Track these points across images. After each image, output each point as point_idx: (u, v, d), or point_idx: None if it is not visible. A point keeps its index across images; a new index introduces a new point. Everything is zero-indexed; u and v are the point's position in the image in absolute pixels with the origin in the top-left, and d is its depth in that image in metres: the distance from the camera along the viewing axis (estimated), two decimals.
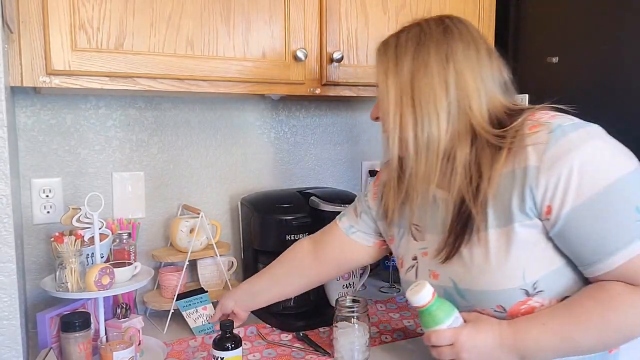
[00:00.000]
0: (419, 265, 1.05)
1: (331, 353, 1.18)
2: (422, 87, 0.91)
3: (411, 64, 0.93)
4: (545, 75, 1.48)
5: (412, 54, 0.93)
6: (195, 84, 1.20)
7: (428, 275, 1.02)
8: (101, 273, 1.07)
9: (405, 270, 1.08)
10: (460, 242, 0.94)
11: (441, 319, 0.91)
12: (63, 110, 1.37)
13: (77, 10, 1.05)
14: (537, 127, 0.87)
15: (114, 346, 1.05)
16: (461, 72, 0.91)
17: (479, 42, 0.95)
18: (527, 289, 0.88)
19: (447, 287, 0.98)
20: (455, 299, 0.97)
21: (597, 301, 0.84)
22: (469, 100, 0.91)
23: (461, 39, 0.93)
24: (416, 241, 1.05)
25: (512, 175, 0.88)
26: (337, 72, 1.33)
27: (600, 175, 0.82)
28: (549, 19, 1.48)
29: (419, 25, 0.97)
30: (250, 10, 1.23)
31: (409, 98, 0.92)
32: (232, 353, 1.05)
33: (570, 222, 0.83)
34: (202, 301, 1.33)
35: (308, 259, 1.24)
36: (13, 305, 0.91)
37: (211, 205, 1.57)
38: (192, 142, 1.53)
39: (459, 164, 0.91)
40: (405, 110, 0.92)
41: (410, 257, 1.07)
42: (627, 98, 1.33)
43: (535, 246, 0.88)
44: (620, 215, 0.82)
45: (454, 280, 0.97)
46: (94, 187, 1.40)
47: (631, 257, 0.82)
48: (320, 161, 1.74)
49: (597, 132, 0.86)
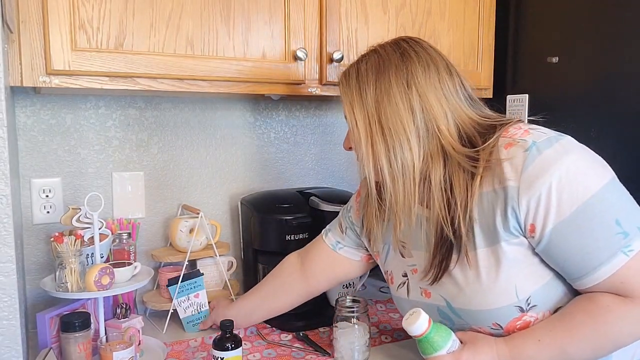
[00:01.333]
0: (409, 282, 1.05)
1: (331, 353, 1.18)
2: (388, 114, 0.91)
3: (374, 93, 0.93)
4: (545, 75, 1.48)
5: (373, 83, 0.94)
6: (195, 84, 1.20)
7: (420, 294, 1.02)
8: (101, 273, 1.07)
9: (395, 287, 1.09)
10: (447, 264, 0.94)
11: (439, 345, 0.92)
12: (63, 110, 1.37)
13: (77, 10, 1.05)
14: (512, 145, 0.87)
15: (113, 346, 1.05)
16: (424, 94, 0.91)
17: (438, 61, 0.95)
18: (521, 305, 0.89)
19: (440, 305, 0.99)
20: (450, 317, 0.98)
21: (588, 314, 0.85)
22: (436, 121, 0.91)
23: (419, 61, 0.94)
24: (404, 258, 1.06)
25: (493, 195, 0.88)
26: (337, 72, 1.33)
27: (578, 191, 0.82)
28: (549, 19, 1.48)
29: (377, 53, 0.97)
30: (250, 10, 1.23)
31: (378, 127, 0.92)
32: (232, 353, 1.05)
33: (553, 239, 0.84)
34: (196, 287, 1.32)
35: (296, 274, 1.25)
36: (13, 305, 0.91)
37: (211, 205, 1.57)
38: (192, 142, 1.53)
39: (434, 186, 0.92)
40: (375, 139, 0.93)
41: (400, 273, 1.07)
42: (627, 98, 1.33)
43: (523, 262, 0.89)
44: (601, 230, 0.83)
45: (447, 299, 0.97)
46: (93, 187, 1.40)
47: (615, 271, 0.83)
48: (320, 161, 1.74)
49: (571, 145, 0.86)
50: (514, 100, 1.55)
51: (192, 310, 1.31)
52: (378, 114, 0.92)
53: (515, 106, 1.55)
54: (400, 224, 0.98)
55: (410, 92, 0.91)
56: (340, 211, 1.26)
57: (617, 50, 1.35)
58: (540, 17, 1.50)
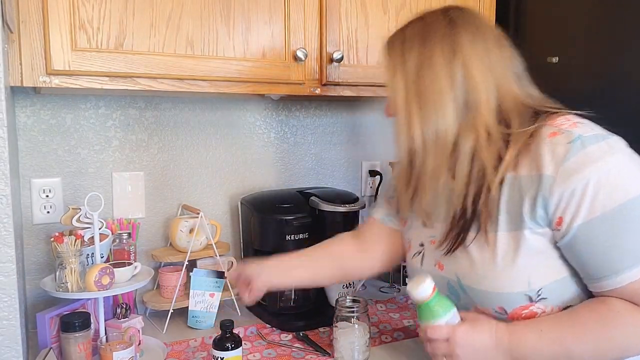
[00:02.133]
0: (425, 252, 1.04)
1: (331, 353, 1.18)
2: (427, 83, 0.90)
3: (417, 60, 0.92)
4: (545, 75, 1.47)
5: (417, 49, 0.92)
6: (195, 84, 1.20)
7: (434, 265, 1.01)
8: (101, 273, 1.07)
9: (411, 255, 1.07)
10: (464, 237, 0.93)
11: (439, 314, 0.91)
12: (63, 110, 1.37)
13: (77, 10, 1.05)
14: (557, 134, 0.85)
15: (113, 346, 1.05)
16: (468, 65, 0.89)
17: (486, 32, 0.93)
18: (530, 295, 0.88)
19: (451, 280, 0.97)
20: (458, 294, 0.97)
21: (597, 315, 0.84)
22: (477, 93, 0.89)
23: (466, 30, 0.91)
24: (425, 228, 1.04)
25: (526, 180, 0.86)
26: (337, 72, 1.33)
27: (616, 192, 0.80)
28: (549, 19, 1.47)
29: (423, 20, 0.96)
30: (250, 10, 1.23)
31: (416, 93, 0.91)
32: (232, 353, 1.05)
33: (580, 235, 0.82)
34: (215, 286, 1.32)
35: (351, 251, 1.20)
36: (13, 306, 0.91)
37: (211, 205, 1.57)
38: (192, 142, 1.53)
39: (463, 158, 0.90)
40: (412, 107, 0.92)
41: (417, 242, 1.06)
42: (627, 98, 1.33)
43: (542, 254, 0.87)
44: (632, 235, 0.81)
45: (458, 275, 0.96)
46: (93, 187, 1.40)
47: (637, 278, 0.81)
48: (320, 161, 1.74)
49: (617, 146, 0.84)
50: None
51: (202, 307, 1.31)
52: (418, 81, 0.91)
53: None
54: (427, 193, 0.96)
55: (454, 61, 0.89)
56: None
57: (617, 50, 1.35)
58: (540, 17, 1.50)
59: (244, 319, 1.39)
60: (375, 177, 1.78)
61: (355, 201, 1.44)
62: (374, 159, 1.82)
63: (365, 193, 1.82)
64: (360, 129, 1.80)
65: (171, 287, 1.36)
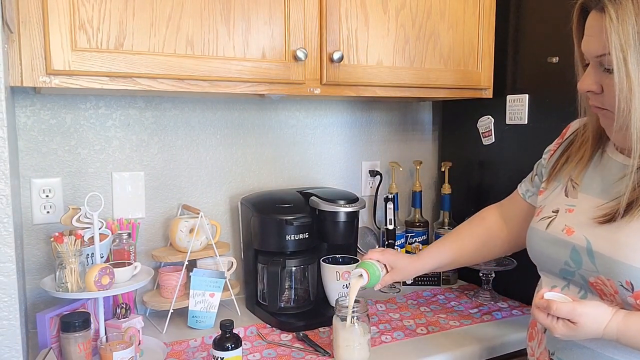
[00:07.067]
0: (556, 218, 1.01)
1: (331, 353, 1.18)
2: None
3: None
4: (545, 75, 1.47)
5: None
6: (196, 84, 1.20)
7: (561, 230, 0.98)
8: (101, 273, 1.07)
9: (538, 219, 1.05)
10: (632, 209, 0.88)
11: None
12: (63, 110, 1.37)
13: (77, 10, 1.05)
14: None
15: (114, 346, 1.05)
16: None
17: None
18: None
19: (577, 245, 0.94)
20: (580, 261, 0.93)
21: None
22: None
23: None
24: (567, 197, 1.02)
25: None
26: (337, 72, 1.33)
27: None
28: (549, 19, 1.47)
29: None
30: (250, 10, 1.23)
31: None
32: (232, 353, 1.05)
33: None
34: (215, 286, 1.33)
35: (497, 225, 1.23)
36: (13, 305, 0.91)
37: (211, 205, 1.57)
38: (192, 142, 1.53)
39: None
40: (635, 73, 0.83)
41: (551, 209, 1.03)
42: None
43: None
44: None
45: (590, 240, 0.92)
46: (93, 187, 1.40)
47: None
48: (320, 161, 1.74)
49: None
50: (514, 100, 1.55)
51: (202, 307, 1.31)
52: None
53: (515, 106, 1.55)
54: (589, 165, 0.97)
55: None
56: None
57: None
58: (540, 17, 1.50)
59: (244, 319, 1.39)
60: (375, 177, 1.78)
61: (355, 201, 1.44)
62: (374, 159, 1.82)
63: (365, 193, 1.82)
64: (360, 129, 1.80)
65: (171, 287, 1.36)
